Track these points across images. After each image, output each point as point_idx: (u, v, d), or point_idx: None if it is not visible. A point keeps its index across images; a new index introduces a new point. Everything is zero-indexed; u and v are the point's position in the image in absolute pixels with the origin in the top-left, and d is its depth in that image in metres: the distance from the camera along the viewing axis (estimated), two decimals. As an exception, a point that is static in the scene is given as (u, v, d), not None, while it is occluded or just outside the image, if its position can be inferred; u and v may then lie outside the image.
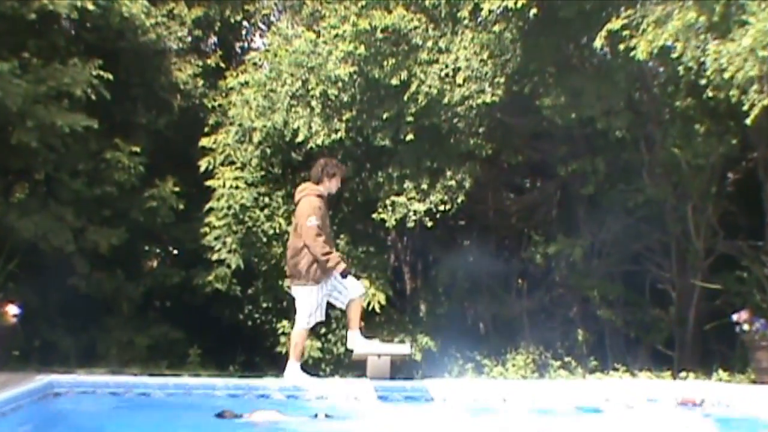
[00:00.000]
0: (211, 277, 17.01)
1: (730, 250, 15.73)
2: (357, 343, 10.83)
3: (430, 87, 15.07)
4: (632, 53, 12.63)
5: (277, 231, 17.51)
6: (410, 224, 16.21)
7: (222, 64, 18.72)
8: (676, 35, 12.00)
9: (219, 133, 17.72)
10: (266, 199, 17.70)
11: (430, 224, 16.27)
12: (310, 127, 15.85)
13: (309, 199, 10.43)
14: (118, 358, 16.07)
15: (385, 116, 15.70)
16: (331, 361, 17.11)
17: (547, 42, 15.03)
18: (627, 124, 15.10)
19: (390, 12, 15.39)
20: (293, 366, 10.68)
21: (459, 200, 16.05)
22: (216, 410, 9.45)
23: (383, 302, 16.70)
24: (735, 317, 13.44)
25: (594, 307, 17.19)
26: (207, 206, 17.20)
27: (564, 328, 17.84)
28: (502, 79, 15.05)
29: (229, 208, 16.96)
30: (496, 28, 14.80)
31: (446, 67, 15.14)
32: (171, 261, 18.87)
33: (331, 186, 10.56)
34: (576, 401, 10.71)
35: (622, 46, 12.90)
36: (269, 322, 17.83)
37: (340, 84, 15.66)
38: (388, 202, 16.26)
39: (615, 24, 12.81)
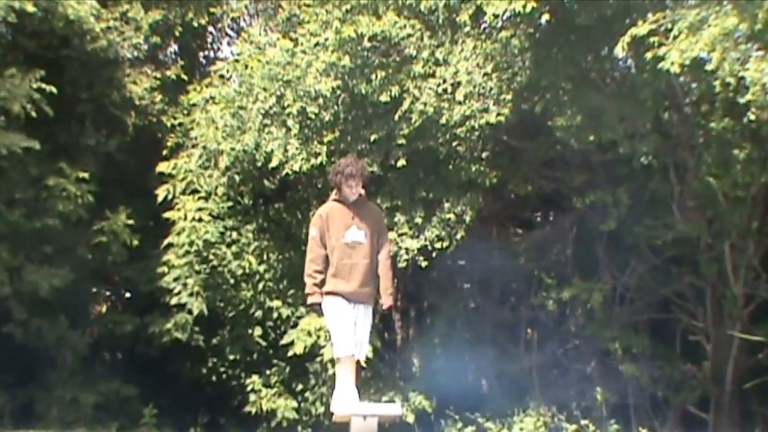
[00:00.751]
0: (169, 325, 16.88)
1: (773, 295, 15.65)
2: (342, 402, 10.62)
3: (425, 105, 14.92)
4: (660, 64, 12.47)
5: (247, 271, 17.43)
6: (402, 264, 16.03)
7: (184, 77, 18.67)
8: (712, 45, 11.85)
9: (180, 156, 17.64)
10: (234, 234, 17.66)
11: (424, 264, 16.11)
12: (286, 151, 15.70)
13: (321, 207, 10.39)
14: (60, 419, 15.96)
15: (372, 138, 15.57)
16: (309, 422, 17.00)
17: (561, 53, 14.93)
18: (654, 148, 14.99)
19: (379, 17, 15.27)
20: (338, 390, 10.37)
21: (458, 236, 15.90)
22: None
23: (370, 354, 16.52)
24: (779, 374, 13.34)
25: (615, 361, 17.03)
26: (165, 242, 17.14)
27: (580, 386, 17.71)
28: (509, 96, 14.92)
29: (191, 244, 16.89)
30: (502, 36, 14.69)
31: (444, 81, 15.01)
32: (123, 306, 18.80)
33: (345, 193, 10.35)
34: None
35: (649, 55, 12.72)
36: (237, 377, 17.74)
37: (321, 100, 15.52)
38: (375, 237, 16.12)
39: (641, 29, 12.64)
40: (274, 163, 15.76)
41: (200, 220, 16.92)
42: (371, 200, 11.00)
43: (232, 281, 17.40)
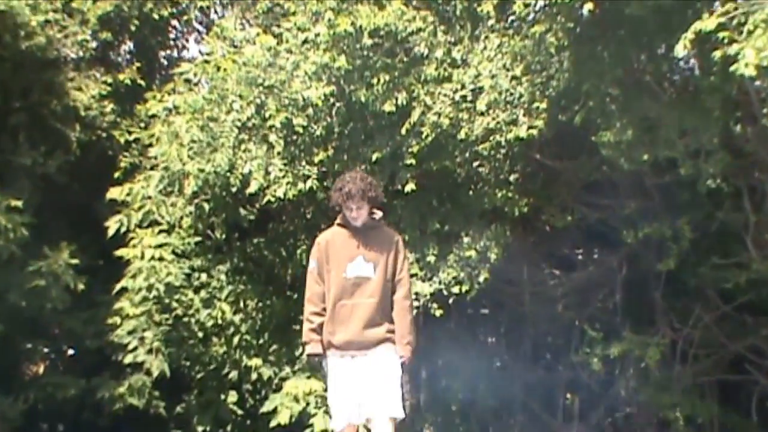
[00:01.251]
0: (122, 389, 16.85)
1: None
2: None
3: (439, 115, 14.89)
4: (732, 67, 12.36)
5: (219, 321, 17.38)
6: (411, 312, 15.95)
7: (140, 82, 18.68)
8: (796, 41, 11.79)
9: (136, 180, 17.60)
10: (203, 277, 17.61)
11: (439, 313, 16.03)
12: (268, 173, 15.62)
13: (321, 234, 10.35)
14: (-14, 506, 15.88)
15: (375, 157, 15.50)
16: None
17: (607, 51, 14.81)
18: (723, 169, 14.85)
19: (382, 8, 15.25)
20: None
21: (481, 279, 15.81)
22: None
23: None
24: None
25: (677, 433, 16.98)
26: (118, 286, 17.05)
27: (633, 464, 17.67)
28: (543, 105, 14.85)
29: (149, 288, 16.80)
30: (535, 30, 14.56)
31: (463, 87, 14.96)
32: (65, 365, 18.73)
33: (348, 216, 10.29)
34: None
35: (717, 54, 12.59)
36: (206, 453, 17.68)
37: (310, 110, 15.48)
38: (379, 280, 16.04)
39: (707, 23, 12.52)
40: (252, 187, 15.66)
41: (161, 258, 16.87)
42: (389, 226, 10.81)
43: (200, 334, 17.36)
